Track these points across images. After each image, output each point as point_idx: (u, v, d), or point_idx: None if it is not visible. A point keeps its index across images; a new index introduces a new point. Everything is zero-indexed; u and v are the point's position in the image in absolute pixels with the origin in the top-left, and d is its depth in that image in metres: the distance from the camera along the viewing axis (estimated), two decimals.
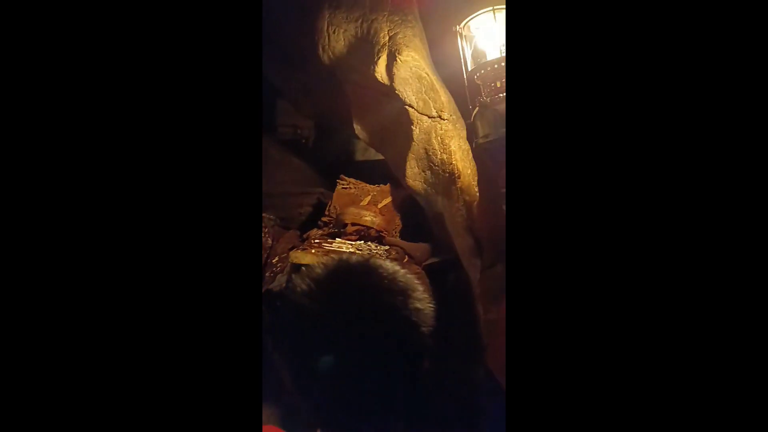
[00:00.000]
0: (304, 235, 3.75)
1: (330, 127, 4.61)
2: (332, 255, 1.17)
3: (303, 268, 1.18)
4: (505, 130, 1.93)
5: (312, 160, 4.48)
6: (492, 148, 2.08)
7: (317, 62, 3.57)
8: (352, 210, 3.73)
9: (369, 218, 3.62)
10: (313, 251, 3.34)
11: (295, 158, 4.34)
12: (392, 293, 1.10)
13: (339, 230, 3.68)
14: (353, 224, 3.62)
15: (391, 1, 3.32)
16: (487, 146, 2.08)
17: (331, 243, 3.50)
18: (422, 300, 1.13)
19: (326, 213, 3.95)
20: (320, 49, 3.48)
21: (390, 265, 1.16)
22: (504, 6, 2.08)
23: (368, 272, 1.13)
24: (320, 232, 3.76)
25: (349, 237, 3.58)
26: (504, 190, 4.44)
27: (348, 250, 3.34)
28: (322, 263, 1.16)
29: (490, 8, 2.08)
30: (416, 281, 1.17)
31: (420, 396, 1.12)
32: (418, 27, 3.45)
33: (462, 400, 2.87)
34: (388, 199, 3.90)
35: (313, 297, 1.09)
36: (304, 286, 1.11)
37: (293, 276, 1.21)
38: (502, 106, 2.00)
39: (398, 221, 3.73)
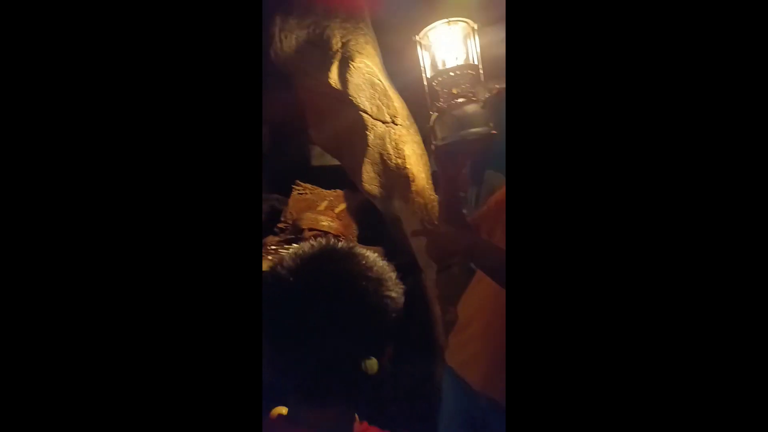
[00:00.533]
0: (265, 244, 3.74)
1: (285, 133, 4.58)
2: (319, 240, 1.19)
3: (293, 246, 1.22)
4: (462, 132, 2.02)
5: (267, 167, 4.45)
6: (450, 150, 2.09)
7: (270, 68, 3.57)
8: (309, 215, 3.76)
9: (326, 223, 3.64)
10: (269, 257, 3.33)
11: None
12: (369, 279, 1.17)
13: (296, 236, 3.69)
14: (310, 229, 3.64)
15: (343, 8, 3.37)
16: (445, 149, 2.08)
17: (288, 249, 3.39)
18: (394, 289, 1.20)
19: (282, 219, 3.95)
20: (272, 54, 3.48)
21: (371, 255, 1.23)
22: (458, 19, 2.15)
23: (350, 257, 1.20)
24: (277, 238, 3.77)
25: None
26: (463, 194, 4.50)
27: None
28: (311, 243, 1.23)
29: (446, 20, 2.12)
30: (391, 272, 1.23)
31: (380, 385, 1.25)
32: (370, 34, 3.51)
33: (418, 397, 2.88)
34: (345, 204, 3.93)
35: (298, 274, 1.16)
36: (291, 263, 1.18)
37: (283, 253, 1.21)
38: (459, 111, 2.05)
39: (355, 225, 3.75)
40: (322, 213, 3.77)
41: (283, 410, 1.26)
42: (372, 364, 1.16)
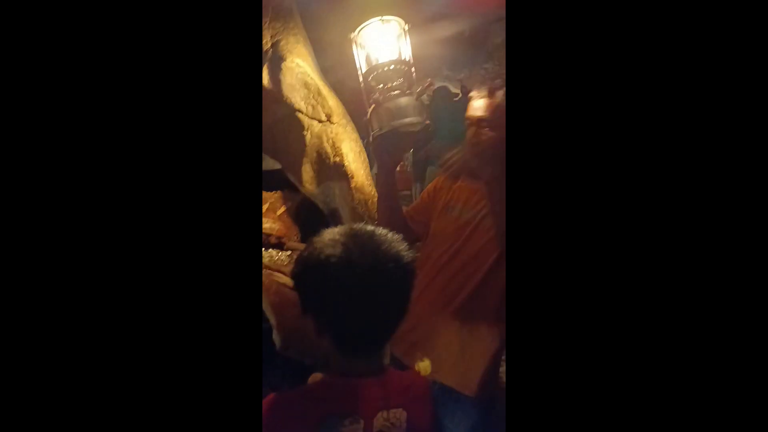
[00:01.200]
0: None
1: None
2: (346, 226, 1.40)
3: (324, 239, 1.36)
4: (394, 122, 2.09)
5: None
6: (385, 141, 2.16)
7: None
8: None
9: (267, 225, 3.57)
10: None
11: None
12: (387, 243, 1.36)
13: None
14: None
15: (269, 7, 3.33)
16: (380, 139, 2.15)
17: None
18: (409, 254, 1.39)
19: None
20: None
21: (385, 231, 1.41)
22: (390, 17, 2.20)
23: (373, 236, 1.37)
24: None
25: None
26: (408, 191, 4.48)
27: None
28: (337, 231, 1.38)
29: (379, 17, 2.18)
30: (403, 243, 1.41)
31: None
32: (301, 33, 3.48)
33: None
34: (285, 206, 3.89)
35: (341, 257, 1.30)
36: (330, 251, 1.32)
37: (316, 243, 1.36)
38: (393, 103, 2.11)
39: (297, 226, 3.71)
40: (264, 215, 3.71)
41: (318, 375, 1.46)
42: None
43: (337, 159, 3.33)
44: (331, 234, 1.37)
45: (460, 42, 4.15)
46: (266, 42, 3.30)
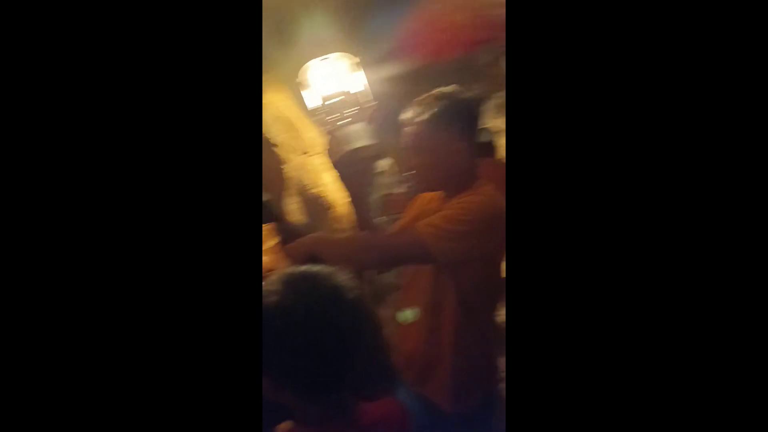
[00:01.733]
0: None
1: None
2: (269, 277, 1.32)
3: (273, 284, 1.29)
4: (353, 145, 2.21)
5: None
6: (344, 166, 2.27)
7: None
8: None
9: None
10: None
11: None
12: (324, 280, 1.28)
13: None
14: None
15: None
16: (339, 166, 2.27)
17: None
18: (350, 284, 1.30)
19: None
20: None
21: (321, 268, 1.33)
22: (330, 55, 2.31)
23: (311, 277, 1.30)
24: None
25: None
26: (383, 218, 4.52)
27: None
28: (273, 280, 1.30)
29: (320, 57, 2.32)
30: (343, 273, 1.32)
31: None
32: (275, 70, 3.51)
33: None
34: (276, 239, 3.87)
35: (280, 305, 1.23)
36: (269, 300, 1.24)
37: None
38: (345, 130, 2.24)
39: (288, 258, 3.69)
40: None
41: (288, 425, 1.37)
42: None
43: (317, 190, 3.38)
44: (271, 279, 1.32)
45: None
46: None
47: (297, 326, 1.21)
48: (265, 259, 3.16)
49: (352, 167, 2.23)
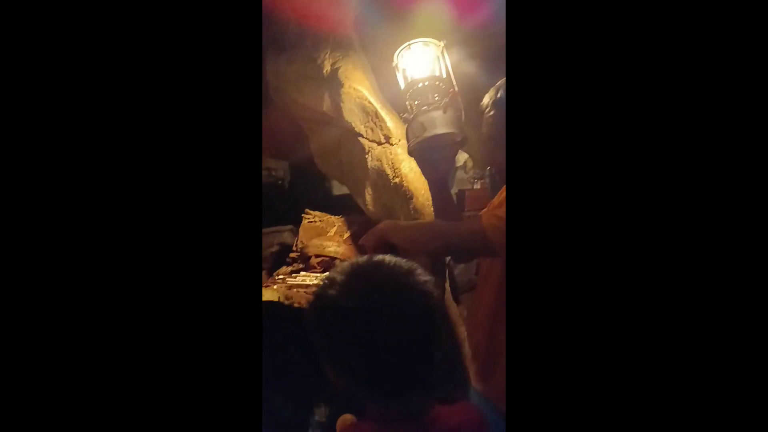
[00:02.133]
0: (274, 274, 3.75)
1: (303, 166, 4.10)
2: (341, 263, 1.37)
3: (327, 275, 1.37)
4: (426, 134, 2.17)
5: (290, 201, 4.08)
6: (420, 154, 2.26)
7: (272, 104, 3.69)
8: (315, 242, 3.70)
9: (332, 249, 3.58)
10: (275, 287, 3.45)
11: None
12: (401, 276, 1.24)
13: (304, 264, 3.68)
14: (317, 256, 3.63)
15: (332, 36, 3.45)
16: (415, 153, 2.27)
17: (296, 277, 3.57)
18: (424, 274, 1.27)
19: (294, 249, 3.83)
20: (271, 92, 3.64)
21: (389, 257, 1.29)
22: (420, 39, 2.33)
23: (376, 267, 1.28)
24: (289, 268, 3.75)
25: (314, 269, 3.62)
26: (467, 212, 3.91)
27: (313, 282, 3.42)
28: (338, 271, 1.29)
29: (407, 43, 2.33)
30: (415, 263, 1.29)
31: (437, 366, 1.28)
32: (359, 58, 3.54)
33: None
34: (353, 229, 3.85)
35: (342, 295, 1.22)
36: (333, 292, 1.24)
37: (320, 290, 1.30)
38: (425, 117, 2.19)
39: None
40: (330, 239, 3.63)
41: (348, 417, 1.46)
42: None
43: (397, 180, 3.33)
44: (333, 275, 1.29)
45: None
46: (326, 70, 3.47)
47: (365, 320, 1.17)
48: (338, 249, 3.76)
49: (427, 155, 2.22)
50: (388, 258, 1.29)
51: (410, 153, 2.22)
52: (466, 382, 2.41)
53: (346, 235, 3.90)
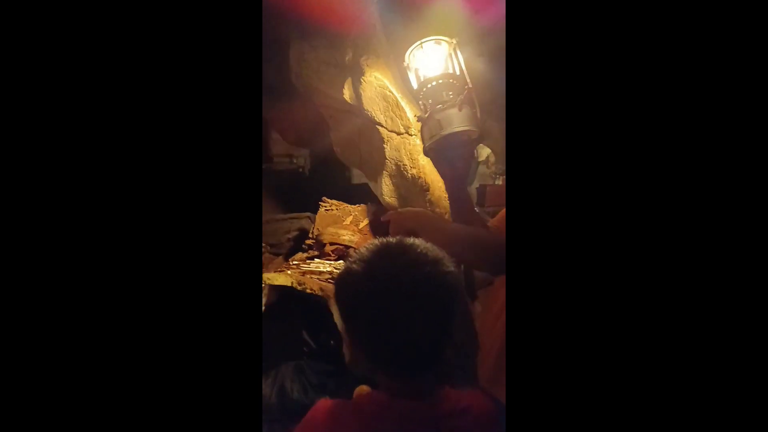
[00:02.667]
0: (290, 260, 3.75)
1: (324, 154, 4.07)
2: (372, 242, 1.38)
3: (352, 252, 1.56)
4: (443, 132, 2.13)
5: (310, 188, 4.08)
6: (438, 152, 2.22)
7: (293, 91, 3.69)
8: (330, 230, 3.71)
9: (347, 237, 3.58)
10: (288, 272, 3.47)
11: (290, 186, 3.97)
12: (428, 263, 1.27)
13: (319, 251, 3.68)
14: (331, 244, 3.64)
15: (355, 27, 3.45)
16: (432, 152, 2.23)
17: (309, 264, 3.58)
18: (450, 265, 1.30)
19: (310, 236, 3.84)
20: (293, 78, 3.65)
21: (420, 242, 1.32)
22: (432, 38, 2.29)
23: (405, 249, 1.30)
24: (305, 255, 3.75)
25: (329, 257, 3.62)
26: (487, 208, 3.89)
27: (326, 270, 3.45)
28: (367, 247, 1.33)
29: (419, 42, 2.31)
30: (442, 252, 1.32)
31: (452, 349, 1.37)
32: (382, 48, 3.54)
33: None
34: (368, 218, 3.83)
35: (366, 271, 1.26)
36: (357, 267, 1.28)
37: (348, 261, 1.34)
38: (440, 115, 2.17)
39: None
40: (345, 227, 3.62)
41: (365, 387, 1.48)
42: None
43: (415, 171, 3.35)
44: (362, 249, 1.33)
45: None
46: (348, 59, 3.48)
47: (385, 298, 1.22)
48: (353, 238, 3.78)
49: (444, 153, 2.27)
50: (419, 242, 1.32)
51: (426, 152, 2.20)
52: (476, 377, 2.37)
53: (362, 224, 3.90)
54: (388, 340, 1.24)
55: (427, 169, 3.29)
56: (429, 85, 2.19)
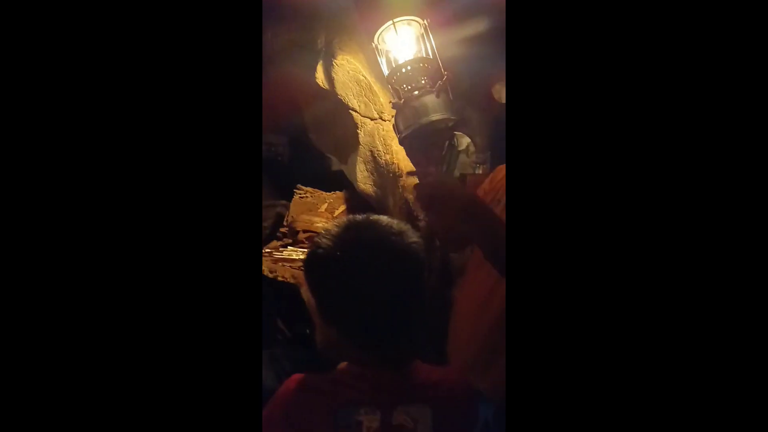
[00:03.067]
0: (264, 248, 3.69)
1: (303, 141, 3.96)
2: (339, 218, 1.48)
3: (322, 230, 1.42)
4: (421, 120, 2.20)
5: (288, 176, 4.02)
6: (414, 140, 2.34)
7: (267, 75, 3.65)
8: (304, 217, 3.65)
9: (321, 224, 3.50)
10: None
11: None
12: (393, 234, 1.33)
13: (292, 239, 3.63)
14: (305, 231, 3.58)
15: (327, 9, 3.40)
16: (409, 139, 2.30)
17: (282, 251, 3.54)
18: (413, 236, 1.36)
19: (284, 223, 3.78)
20: (266, 61, 3.45)
21: (385, 218, 1.38)
22: (406, 18, 2.35)
23: (371, 223, 1.37)
24: (279, 243, 3.70)
25: (302, 244, 3.57)
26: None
27: (299, 257, 3.40)
28: (335, 224, 1.39)
29: (392, 20, 2.31)
30: (406, 225, 1.38)
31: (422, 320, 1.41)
32: (356, 31, 3.47)
33: None
34: (344, 206, 3.78)
35: (335, 246, 1.32)
36: (326, 242, 1.33)
37: (317, 238, 1.38)
38: (417, 102, 2.24)
39: None
40: (319, 215, 3.57)
41: (343, 363, 1.46)
42: None
43: (388, 157, 3.28)
44: (330, 227, 1.37)
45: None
46: (321, 41, 3.43)
47: (353, 272, 1.29)
48: (327, 226, 3.66)
49: (419, 142, 2.50)
50: (383, 218, 1.38)
51: (401, 141, 2.27)
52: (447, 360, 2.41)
53: (338, 211, 3.85)
54: (358, 312, 1.30)
55: (400, 155, 3.21)
56: (403, 70, 2.22)
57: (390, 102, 2.38)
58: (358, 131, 3.33)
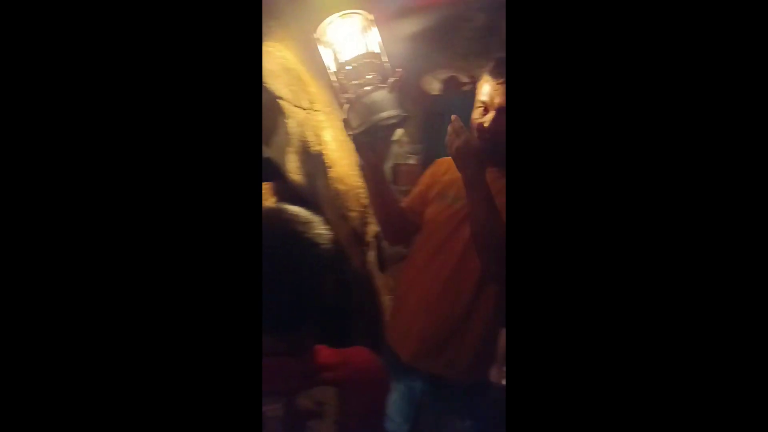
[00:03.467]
0: None
1: None
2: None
3: None
4: (373, 117, 2.12)
5: None
6: (366, 137, 2.23)
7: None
8: None
9: None
10: None
11: None
12: (299, 224, 1.39)
13: None
14: None
15: None
16: (361, 137, 2.22)
17: None
18: (323, 228, 1.41)
19: None
20: None
21: (294, 207, 1.44)
22: (350, 11, 2.24)
23: (278, 212, 1.42)
24: None
25: None
26: (400, 186, 3.91)
27: None
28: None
29: (341, 13, 2.21)
30: (314, 216, 1.43)
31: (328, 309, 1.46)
32: (284, 19, 3.35)
33: None
34: (275, 197, 3.72)
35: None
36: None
37: None
38: (368, 98, 2.15)
39: None
40: None
41: None
42: None
43: (319, 148, 3.24)
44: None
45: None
46: None
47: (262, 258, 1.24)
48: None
49: (370, 137, 2.21)
50: (291, 207, 1.43)
51: (355, 138, 2.21)
52: (382, 337, 2.70)
53: (270, 201, 3.78)
54: (263, 297, 1.27)
55: (332, 146, 3.20)
56: (350, 66, 2.18)
57: (344, 98, 2.23)
58: (287, 121, 3.23)
